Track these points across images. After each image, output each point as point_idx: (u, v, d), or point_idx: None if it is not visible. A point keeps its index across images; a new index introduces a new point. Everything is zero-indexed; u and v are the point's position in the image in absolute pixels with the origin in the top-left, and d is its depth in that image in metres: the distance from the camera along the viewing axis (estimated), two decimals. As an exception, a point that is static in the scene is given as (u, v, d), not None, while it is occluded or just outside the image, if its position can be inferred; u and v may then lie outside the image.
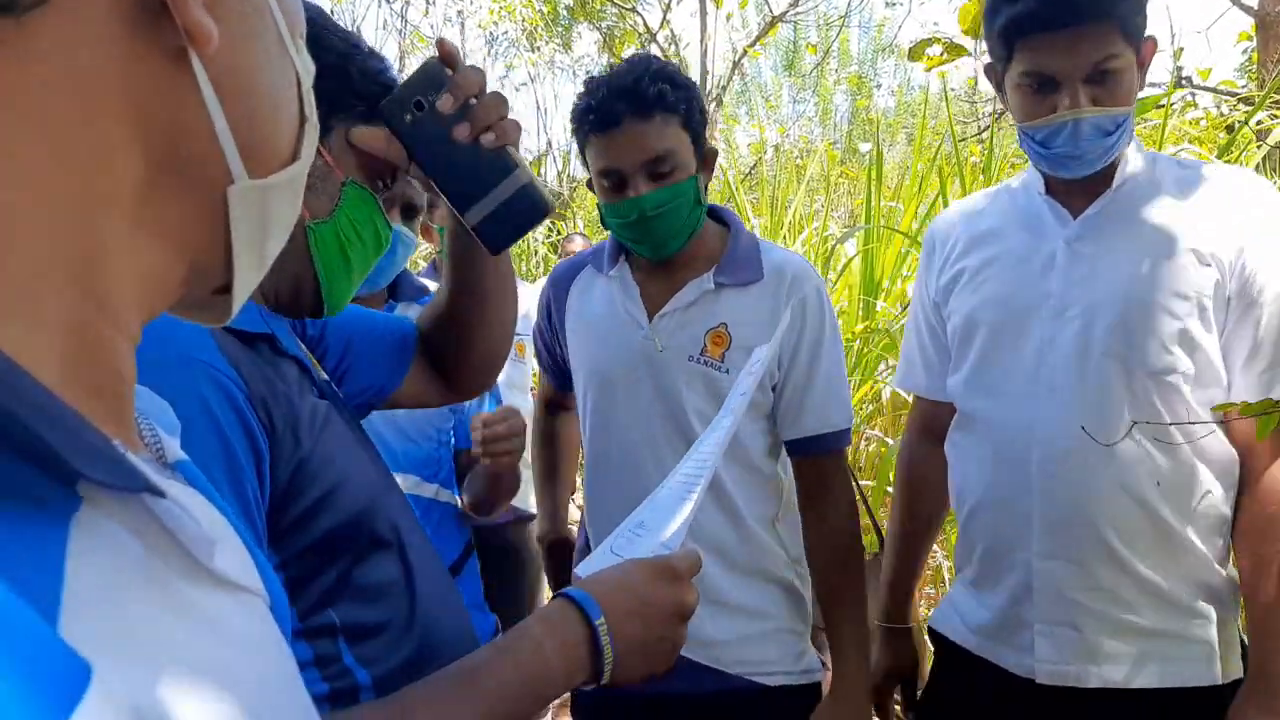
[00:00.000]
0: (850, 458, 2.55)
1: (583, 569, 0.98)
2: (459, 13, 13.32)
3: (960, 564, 1.69)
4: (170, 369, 0.75)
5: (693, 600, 0.90)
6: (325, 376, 0.98)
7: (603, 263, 1.73)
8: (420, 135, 0.97)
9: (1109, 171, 1.49)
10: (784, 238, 5.21)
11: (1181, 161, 1.54)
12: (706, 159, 1.64)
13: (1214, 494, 1.45)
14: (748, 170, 9.94)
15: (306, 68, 0.47)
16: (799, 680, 1.64)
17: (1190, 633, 1.45)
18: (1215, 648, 1.45)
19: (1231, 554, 1.50)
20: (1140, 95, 1.55)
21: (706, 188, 1.66)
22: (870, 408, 4.00)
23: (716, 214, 1.73)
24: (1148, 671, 1.44)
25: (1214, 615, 1.46)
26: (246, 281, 0.45)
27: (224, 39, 0.38)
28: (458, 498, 2.03)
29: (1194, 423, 1.45)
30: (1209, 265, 1.41)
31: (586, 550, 1.78)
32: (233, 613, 0.40)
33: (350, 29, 1.03)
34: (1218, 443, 1.45)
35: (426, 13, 12.41)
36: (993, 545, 1.57)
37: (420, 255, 5.70)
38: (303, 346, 1.02)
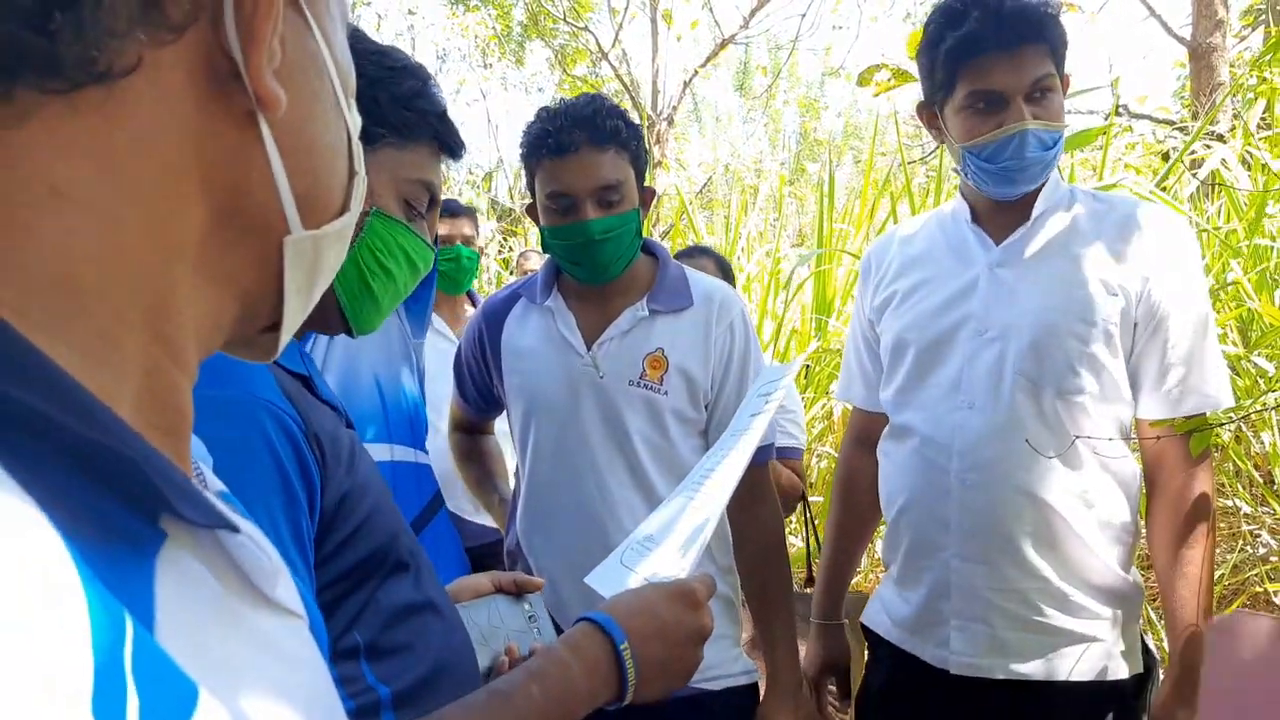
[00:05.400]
0: (802, 474, 2.60)
1: (593, 580, 1.03)
2: (410, 27, 13.29)
3: (888, 561, 1.79)
4: (234, 407, 0.78)
5: (709, 623, 0.95)
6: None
7: (535, 294, 1.79)
8: None
9: (1029, 202, 1.61)
10: (738, 259, 5.27)
11: (1097, 195, 1.66)
12: (645, 198, 1.72)
13: (1117, 504, 1.57)
14: (699, 188, 10.03)
15: (356, 123, 0.49)
16: (739, 681, 1.72)
17: (1093, 632, 1.56)
18: (1117, 646, 1.57)
19: (1134, 559, 1.63)
20: (1081, 128, 1.65)
21: (643, 223, 1.74)
22: (822, 425, 4.06)
23: (646, 246, 1.80)
24: (1052, 666, 1.56)
25: (1116, 616, 1.58)
26: (294, 321, 0.48)
27: (290, 102, 0.41)
28: (414, 451, 1.94)
29: (1135, 438, 1.53)
30: (1116, 294, 1.53)
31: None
32: (286, 636, 0.42)
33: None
34: (1121, 458, 1.58)
35: (379, 28, 12.37)
36: (916, 545, 1.68)
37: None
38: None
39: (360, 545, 0.87)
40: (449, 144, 1.05)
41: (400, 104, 0.99)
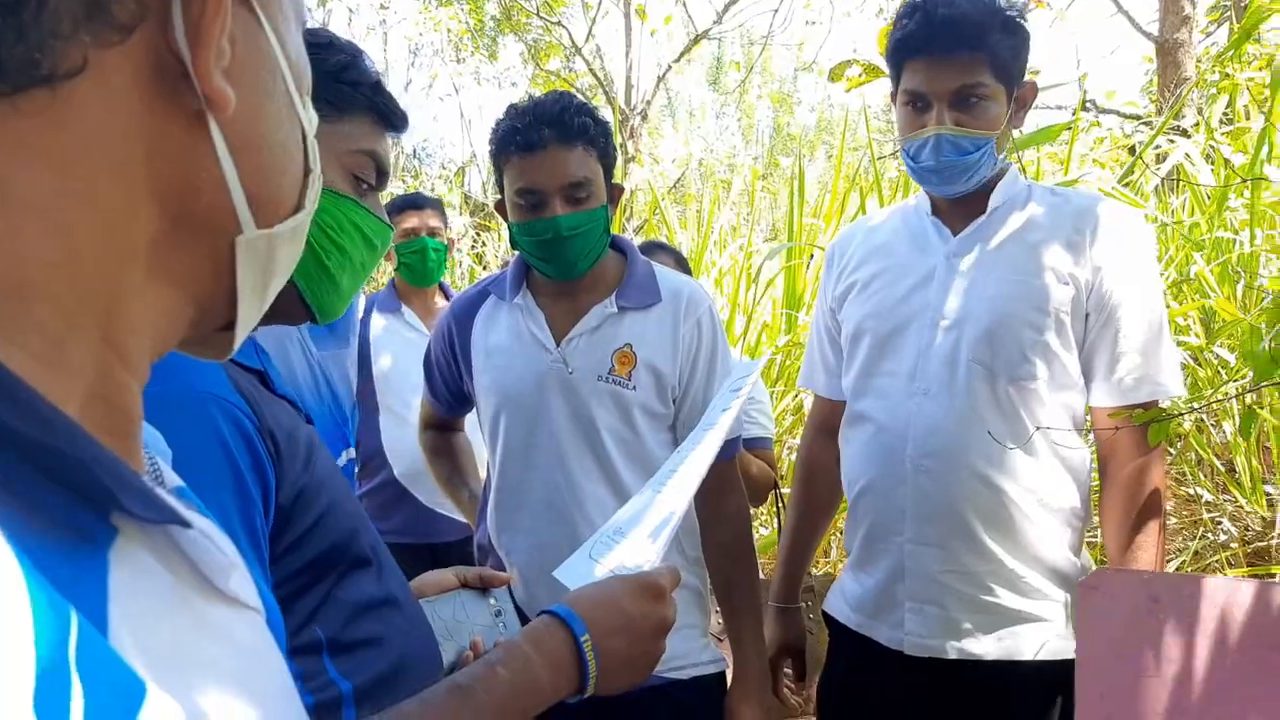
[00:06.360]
0: (773, 464, 2.62)
1: (561, 573, 1.03)
2: (382, 22, 13.21)
3: (848, 547, 1.83)
4: (186, 404, 0.78)
5: (672, 615, 0.95)
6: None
7: (504, 291, 1.80)
8: None
9: (985, 196, 1.65)
10: (710, 253, 5.28)
11: (1054, 190, 1.71)
12: (613, 194, 1.73)
13: (1067, 490, 1.62)
14: (672, 184, 10.04)
15: (312, 121, 0.49)
16: (707, 670, 1.74)
17: (1043, 613, 1.61)
18: (1067, 627, 1.61)
19: (1083, 544, 1.68)
20: (1046, 124, 1.68)
21: (612, 219, 1.75)
22: (793, 418, 4.09)
23: (614, 243, 1.81)
24: (1003, 646, 1.60)
25: (1066, 599, 1.62)
26: (248, 320, 0.48)
27: (240, 101, 0.41)
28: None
29: (1093, 429, 1.56)
30: (1067, 283, 1.57)
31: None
32: (242, 629, 0.43)
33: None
34: (1075, 446, 1.63)
35: (350, 22, 12.29)
36: (873, 530, 1.72)
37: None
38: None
39: (318, 540, 0.87)
40: (386, 114, 1.03)
41: (330, 77, 0.97)
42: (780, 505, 2.76)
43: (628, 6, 10.81)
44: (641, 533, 1.06)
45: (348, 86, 0.99)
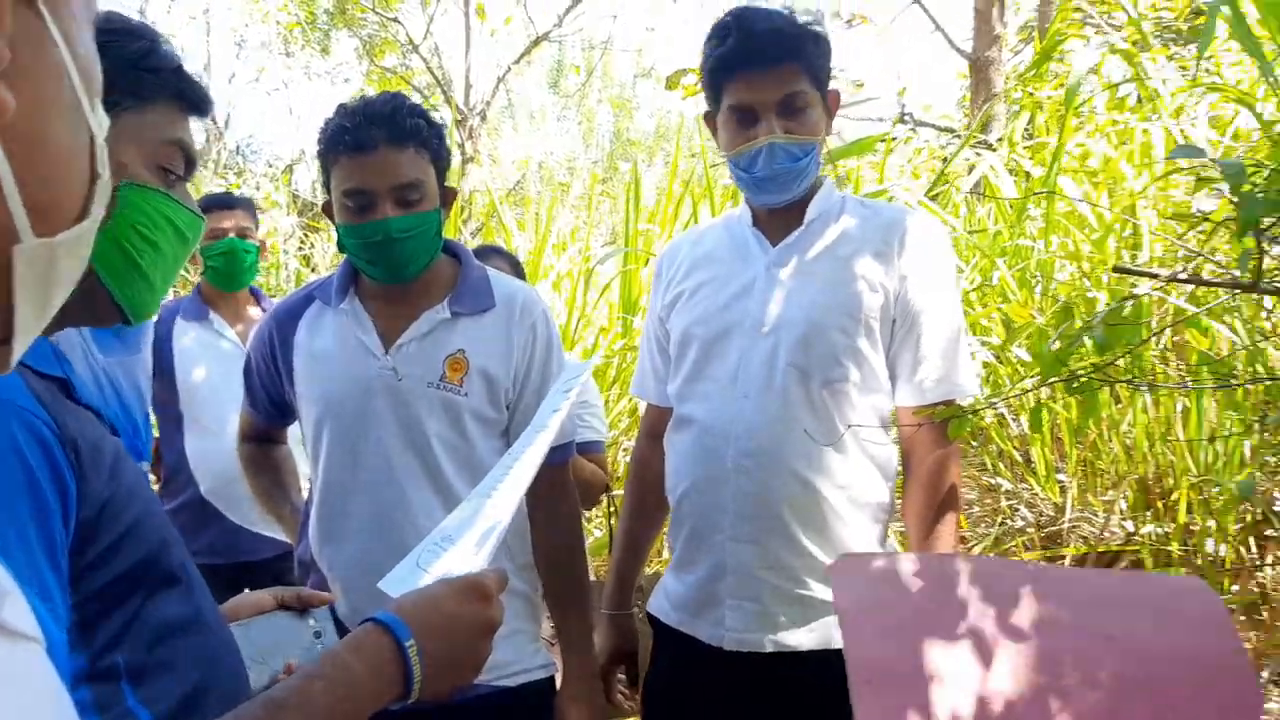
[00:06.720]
0: (605, 467, 2.66)
1: (387, 584, 1.01)
2: (205, 11, 12.63)
3: (672, 548, 1.88)
4: None
5: (499, 616, 0.95)
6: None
7: (330, 296, 1.75)
8: None
9: (802, 208, 1.74)
10: (548, 257, 5.30)
11: (864, 201, 1.83)
12: (446, 197, 1.72)
13: (876, 486, 1.72)
14: (511, 186, 10.00)
15: (102, 124, 0.47)
16: (537, 676, 1.75)
17: None
18: None
19: (890, 534, 1.78)
20: (863, 135, 1.79)
21: (445, 223, 1.74)
22: (627, 421, 4.15)
23: (447, 247, 1.80)
24: (817, 636, 1.68)
25: None
26: (27, 334, 0.45)
27: (20, 105, 0.39)
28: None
29: (898, 426, 1.66)
30: (877, 292, 1.68)
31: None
32: (19, 661, 0.41)
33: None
34: (881, 444, 1.74)
35: (169, 10, 11.68)
36: (695, 530, 1.78)
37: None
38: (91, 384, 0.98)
39: (126, 555, 0.83)
40: (191, 99, 1.00)
41: (130, 65, 0.93)
42: (612, 508, 2.80)
43: (467, 5, 10.70)
44: (469, 539, 1.06)
45: (149, 74, 0.95)
